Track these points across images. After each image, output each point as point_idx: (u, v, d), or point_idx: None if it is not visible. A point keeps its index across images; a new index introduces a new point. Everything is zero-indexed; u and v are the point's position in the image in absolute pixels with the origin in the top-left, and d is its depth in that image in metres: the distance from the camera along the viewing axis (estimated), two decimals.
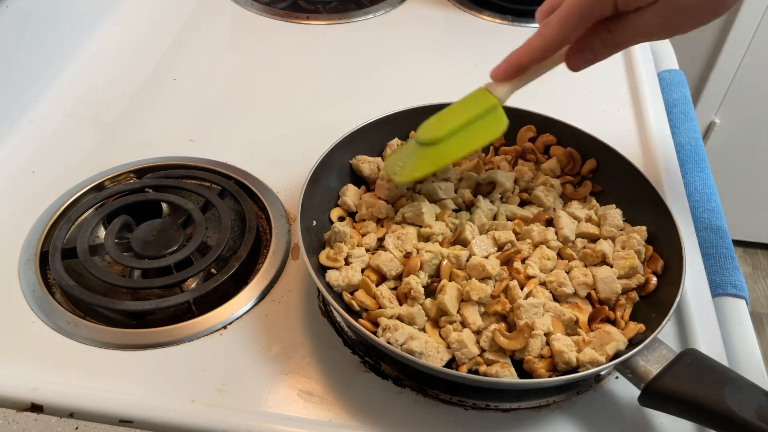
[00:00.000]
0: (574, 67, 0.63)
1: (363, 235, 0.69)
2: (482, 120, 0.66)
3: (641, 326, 0.60)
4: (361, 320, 0.61)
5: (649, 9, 0.57)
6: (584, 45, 0.61)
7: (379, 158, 0.77)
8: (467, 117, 0.66)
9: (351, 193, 0.73)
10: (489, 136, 0.68)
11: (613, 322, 0.62)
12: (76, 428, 0.54)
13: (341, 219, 0.72)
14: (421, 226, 0.69)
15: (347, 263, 0.66)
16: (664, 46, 1.14)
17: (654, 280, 0.64)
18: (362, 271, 0.65)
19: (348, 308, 0.63)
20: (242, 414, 0.57)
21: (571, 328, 0.61)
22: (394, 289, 0.65)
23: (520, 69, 0.63)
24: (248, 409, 0.58)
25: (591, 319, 0.63)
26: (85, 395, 0.57)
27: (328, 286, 0.63)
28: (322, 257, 0.65)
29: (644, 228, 0.69)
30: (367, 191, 0.75)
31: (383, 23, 1.13)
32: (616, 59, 1.07)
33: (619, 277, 0.65)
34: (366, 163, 0.75)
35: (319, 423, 0.57)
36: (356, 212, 0.73)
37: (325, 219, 0.71)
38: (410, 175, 0.68)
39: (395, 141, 0.78)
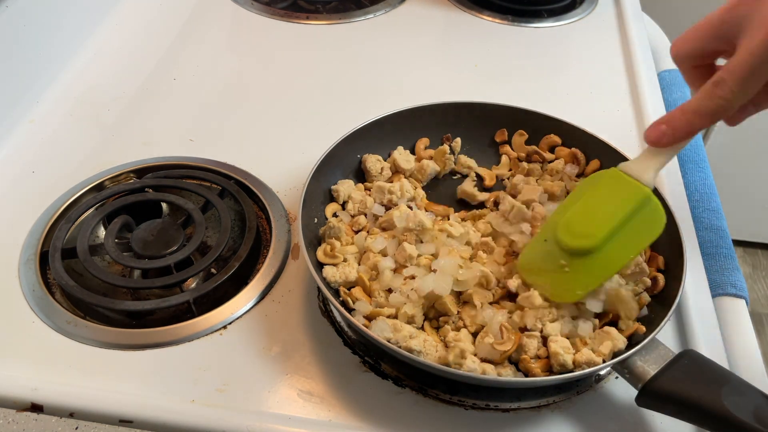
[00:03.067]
0: (734, 123, 0.58)
1: (356, 232, 0.69)
2: (638, 215, 0.58)
3: (641, 327, 0.60)
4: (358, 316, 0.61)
5: None
6: (748, 102, 0.54)
7: (386, 163, 0.77)
8: (621, 215, 0.57)
9: (345, 186, 0.73)
10: (651, 235, 0.58)
11: (615, 324, 0.62)
12: (76, 428, 0.54)
13: (335, 216, 0.72)
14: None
15: (345, 260, 0.66)
16: (664, 45, 1.14)
17: (661, 277, 0.64)
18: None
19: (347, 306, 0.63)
20: (242, 414, 0.57)
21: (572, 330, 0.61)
22: (389, 290, 0.65)
23: (687, 135, 0.55)
24: (248, 409, 0.58)
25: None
26: (85, 395, 0.57)
27: (328, 284, 0.63)
28: (319, 254, 0.65)
29: None
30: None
31: (383, 23, 1.13)
32: (616, 59, 1.07)
33: (626, 280, 0.65)
34: (372, 159, 0.76)
35: (319, 423, 0.57)
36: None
37: (324, 217, 0.71)
38: (576, 296, 0.60)
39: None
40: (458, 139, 0.80)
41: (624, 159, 0.73)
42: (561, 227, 0.60)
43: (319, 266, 0.65)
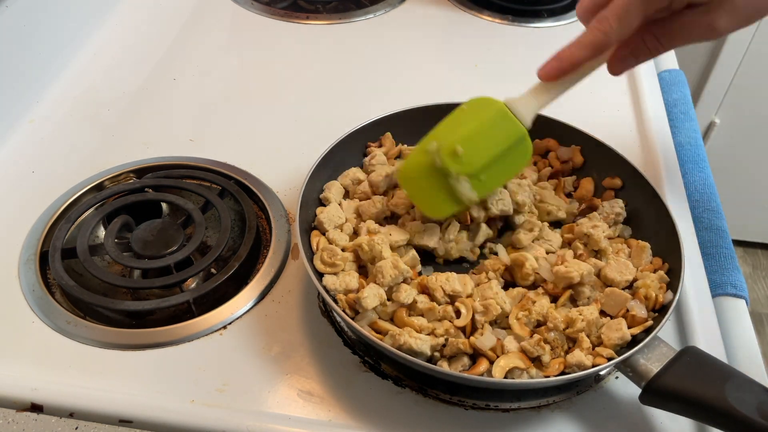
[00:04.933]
0: (616, 71, 0.63)
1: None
2: (511, 151, 0.64)
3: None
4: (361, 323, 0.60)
5: (701, 8, 0.57)
6: (627, 51, 0.61)
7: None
8: (499, 150, 0.63)
9: (335, 190, 0.72)
10: (515, 169, 0.66)
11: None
12: (76, 428, 0.54)
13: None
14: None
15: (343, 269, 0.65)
16: None
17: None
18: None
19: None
20: (242, 414, 0.57)
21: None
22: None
23: (573, 66, 0.60)
24: (248, 409, 0.58)
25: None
26: (84, 395, 0.57)
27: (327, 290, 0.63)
28: (317, 262, 0.64)
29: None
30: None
31: (383, 23, 1.13)
32: None
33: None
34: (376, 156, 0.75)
35: (319, 423, 0.57)
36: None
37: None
38: (444, 211, 0.66)
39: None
40: None
41: (623, 161, 0.73)
42: (445, 150, 0.64)
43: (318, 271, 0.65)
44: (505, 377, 0.57)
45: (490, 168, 0.64)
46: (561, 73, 0.60)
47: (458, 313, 0.61)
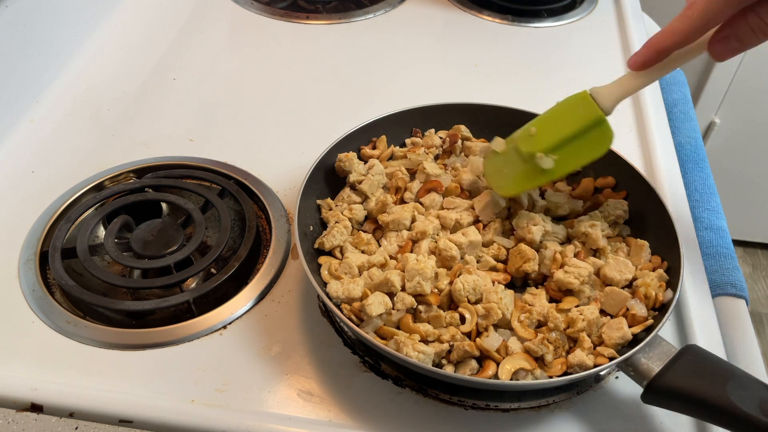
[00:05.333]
0: (719, 56, 0.58)
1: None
2: (587, 134, 0.64)
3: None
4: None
5: None
6: (730, 32, 0.56)
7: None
8: (571, 130, 0.64)
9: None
10: (593, 153, 0.65)
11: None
12: (76, 428, 0.54)
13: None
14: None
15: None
16: None
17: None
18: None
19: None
20: (242, 414, 0.57)
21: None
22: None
23: (659, 54, 0.58)
24: (248, 409, 0.58)
25: None
26: (84, 395, 0.57)
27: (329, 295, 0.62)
28: (324, 273, 0.64)
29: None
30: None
31: (383, 23, 1.13)
32: (616, 59, 1.07)
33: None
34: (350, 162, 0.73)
35: (319, 423, 0.57)
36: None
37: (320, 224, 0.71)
38: (511, 190, 0.68)
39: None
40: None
41: (623, 161, 0.73)
42: (522, 132, 0.67)
43: (320, 273, 0.65)
44: (510, 378, 0.57)
45: (563, 148, 0.64)
46: (648, 61, 0.59)
47: (463, 319, 0.61)
